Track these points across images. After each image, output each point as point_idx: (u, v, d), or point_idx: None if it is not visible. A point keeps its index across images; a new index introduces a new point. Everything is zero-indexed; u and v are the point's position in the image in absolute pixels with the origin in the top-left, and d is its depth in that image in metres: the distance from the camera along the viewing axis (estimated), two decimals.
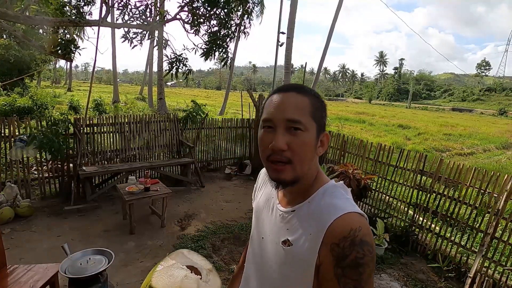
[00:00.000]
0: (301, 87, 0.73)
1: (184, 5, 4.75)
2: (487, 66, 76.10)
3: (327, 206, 0.69)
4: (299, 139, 0.68)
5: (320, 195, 0.72)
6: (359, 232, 0.63)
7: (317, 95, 0.74)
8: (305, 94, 0.71)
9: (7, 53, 12.85)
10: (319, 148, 0.72)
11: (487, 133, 17.49)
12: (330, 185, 0.74)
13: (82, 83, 49.02)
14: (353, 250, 0.62)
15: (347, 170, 4.03)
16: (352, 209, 0.67)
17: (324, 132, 0.73)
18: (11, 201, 3.81)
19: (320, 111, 0.71)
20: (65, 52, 4.28)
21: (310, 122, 0.69)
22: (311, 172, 0.74)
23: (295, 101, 0.69)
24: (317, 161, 0.75)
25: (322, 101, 0.74)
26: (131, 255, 3.19)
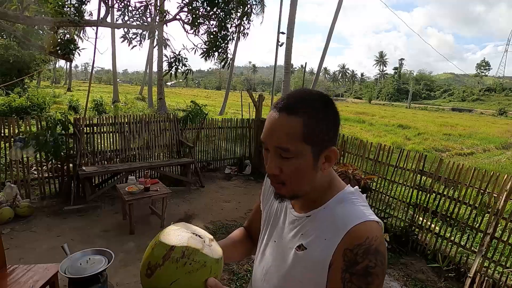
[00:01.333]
0: (294, 106, 0.64)
1: (183, 5, 4.75)
2: (487, 66, 76.20)
3: (345, 212, 0.67)
4: (291, 165, 0.65)
5: (336, 201, 0.71)
6: (375, 241, 0.62)
7: (316, 107, 0.65)
8: (297, 114, 0.63)
9: (6, 53, 12.83)
10: (324, 164, 0.67)
11: (486, 133, 17.51)
12: (347, 191, 0.72)
13: (82, 83, 49.02)
14: (366, 258, 0.61)
15: (346, 170, 4.03)
16: (371, 218, 0.66)
17: (330, 148, 0.66)
18: (10, 201, 3.81)
19: (319, 128, 0.63)
20: (64, 52, 4.28)
21: (302, 147, 0.63)
22: (320, 183, 0.71)
23: (284, 126, 0.63)
24: (329, 170, 0.71)
25: (325, 112, 0.65)
26: (131, 255, 3.19)
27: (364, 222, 0.64)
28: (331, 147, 0.66)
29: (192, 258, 0.59)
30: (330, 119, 0.66)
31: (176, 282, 0.58)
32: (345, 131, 12.95)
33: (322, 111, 0.65)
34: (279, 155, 0.65)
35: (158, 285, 0.58)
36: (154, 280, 0.59)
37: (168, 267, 0.58)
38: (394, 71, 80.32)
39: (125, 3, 4.47)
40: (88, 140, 4.76)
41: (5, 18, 3.95)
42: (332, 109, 0.67)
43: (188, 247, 0.60)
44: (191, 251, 0.60)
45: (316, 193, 0.72)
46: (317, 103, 0.65)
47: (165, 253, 0.59)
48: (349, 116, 22.46)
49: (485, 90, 60.28)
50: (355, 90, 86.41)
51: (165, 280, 0.58)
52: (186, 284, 0.59)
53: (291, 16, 11.84)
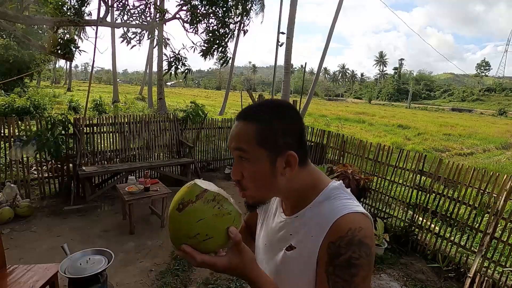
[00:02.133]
0: (249, 114, 0.70)
1: (183, 4, 4.74)
2: (487, 66, 76.24)
3: (329, 208, 0.67)
4: (248, 169, 0.69)
5: (321, 199, 0.71)
6: (359, 233, 0.61)
7: (269, 116, 0.68)
8: (251, 121, 0.68)
9: (6, 53, 12.83)
10: (286, 169, 0.68)
11: (486, 133, 17.51)
12: (331, 187, 0.72)
13: (82, 83, 49.02)
14: (349, 250, 0.60)
15: (346, 171, 4.03)
16: (355, 209, 0.65)
17: (287, 152, 0.67)
18: (10, 201, 3.81)
19: (272, 135, 0.67)
20: (64, 52, 4.27)
21: (256, 150, 0.67)
22: (302, 184, 0.72)
23: (240, 131, 0.69)
24: (309, 171, 0.73)
25: (280, 119, 0.68)
26: (131, 255, 3.19)
27: (347, 214, 0.64)
28: (288, 152, 0.67)
29: (221, 204, 0.64)
30: (286, 126, 0.69)
31: (203, 220, 0.62)
32: (345, 131, 12.95)
33: (277, 118, 0.68)
34: (240, 159, 0.69)
35: (187, 219, 0.63)
36: (184, 214, 0.63)
37: (199, 205, 0.63)
38: (394, 71, 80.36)
39: (124, 2, 4.47)
40: (88, 140, 4.76)
41: (5, 18, 3.95)
42: (290, 117, 0.70)
43: (219, 194, 0.66)
44: (221, 197, 0.65)
45: (300, 194, 0.73)
46: (272, 110, 0.69)
47: (199, 193, 0.64)
48: (349, 116, 22.46)
49: (485, 90, 60.29)
50: (355, 90, 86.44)
51: (194, 216, 0.63)
52: (211, 224, 0.63)
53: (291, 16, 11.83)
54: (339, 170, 4.07)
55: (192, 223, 0.62)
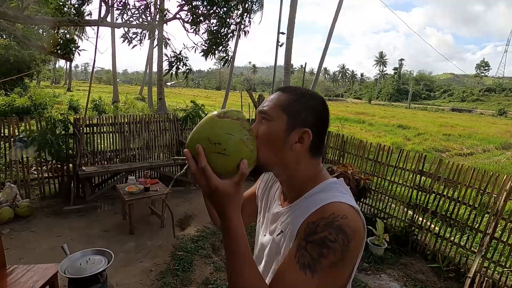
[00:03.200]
0: (288, 88, 0.76)
1: (183, 4, 4.74)
2: (487, 67, 76.27)
3: (321, 197, 0.69)
4: (264, 127, 0.72)
5: (317, 190, 0.72)
6: (341, 219, 0.61)
7: (302, 93, 0.74)
8: (285, 91, 0.74)
9: (6, 53, 12.83)
10: (296, 145, 0.70)
11: (486, 134, 17.50)
12: (330, 181, 0.74)
13: (81, 83, 49.01)
14: (326, 230, 0.60)
15: (346, 171, 4.03)
16: (345, 201, 0.66)
17: (304, 128, 0.70)
18: (10, 201, 3.81)
19: (297, 106, 0.71)
20: (64, 52, 4.27)
21: (279, 114, 0.71)
22: (301, 169, 0.73)
23: (272, 97, 0.75)
24: (316, 164, 0.75)
25: (308, 99, 0.73)
26: (131, 255, 3.19)
27: (335, 202, 0.65)
28: (306, 128, 0.70)
29: (251, 138, 0.67)
30: (312, 106, 0.73)
31: (231, 136, 0.65)
32: (345, 131, 12.95)
33: (307, 98, 0.73)
34: (260, 120, 0.74)
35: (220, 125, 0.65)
36: (221, 121, 0.66)
37: (237, 124, 0.66)
38: (394, 71, 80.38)
39: (124, 2, 4.47)
40: (88, 140, 4.76)
41: (5, 18, 3.95)
42: (318, 102, 0.74)
43: (253, 133, 0.69)
44: (253, 134, 0.69)
45: (301, 185, 0.75)
46: (307, 92, 0.75)
47: (242, 118, 0.68)
48: (349, 116, 22.46)
49: (485, 90, 60.28)
50: (355, 90, 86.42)
51: (227, 127, 0.65)
52: (234, 144, 0.65)
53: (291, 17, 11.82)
54: (339, 170, 4.07)
55: (221, 132, 0.64)
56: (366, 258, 3.43)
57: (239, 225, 0.65)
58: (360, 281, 3.04)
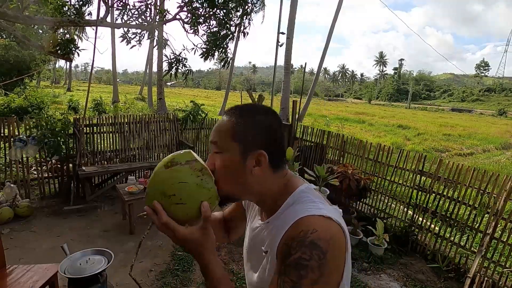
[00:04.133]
0: (232, 110, 0.73)
1: (183, 5, 4.74)
2: (486, 67, 76.27)
3: (293, 211, 0.67)
4: (220, 160, 0.71)
5: (289, 203, 0.71)
6: (311, 234, 0.60)
7: (247, 114, 0.71)
8: (230, 115, 0.72)
9: (6, 54, 12.83)
10: (255, 169, 0.69)
11: (486, 134, 17.51)
12: (299, 190, 0.72)
13: (81, 83, 48.99)
14: (299, 250, 0.59)
15: (346, 171, 4.03)
16: (315, 212, 0.64)
17: (258, 151, 0.68)
18: (10, 201, 3.81)
19: (245, 130, 0.69)
20: (64, 52, 4.27)
21: (229, 143, 0.69)
22: (273, 188, 0.73)
23: (219, 125, 0.72)
24: (282, 176, 0.74)
25: (253, 118, 0.70)
26: (131, 255, 3.19)
27: (304, 217, 0.64)
28: (259, 151, 0.68)
29: (206, 178, 0.67)
30: (260, 124, 0.70)
31: (184, 184, 0.64)
32: (345, 131, 12.95)
33: (254, 117, 0.71)
34: (213, 152, 0.72)
35: (170, 177, 0.65)
36: (169, 171, 0.66)
37: (186, 169, 0.65)
38: (394, 71, 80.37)
39: (124, 2, 4.47)
40: (88, 140, 4.76)
41: (5, 18, 3.95)
42: (265, 117, 0.72)
43: (207, 169, 0.68)
44: (207, 172, 0.68)
45: (272, 199, 0.74)
46: (253, 110, 0.73)
47: (190, 160, 0.67)
48: (349, 116, 22.46)
49: (485, 90, 60.30)
50: (355, 90, 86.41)
51: (177, 176, 0.65)
52: (189, 191, 0.65)
53: (291, 17, 11.81)
54: (340, 170, 4.07)
55: (174, 183, 0.64)
56: (366, 258, 3.43)
57: (217, 266, 0.67)
58: (360, 281, 3.04)
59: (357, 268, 3.28)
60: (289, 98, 11.46)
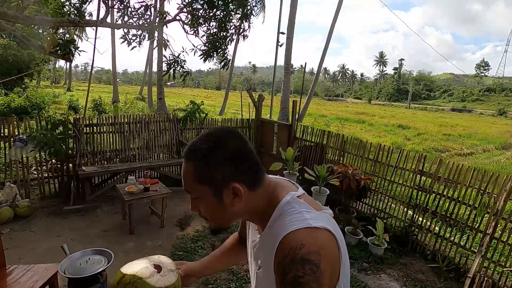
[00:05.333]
0: (188, 153, 0.71)
1: (183, 6, 4.74)
2: (486, 67, 76.25)
3: (279, 226, 0.68)
4: (202, 205, 0.73)
5: (276, 217, 0.71)
6: (300, 250, 0.61)
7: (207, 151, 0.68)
8: (190, 160, 0.70)
9: (5, 53, 12.82)
10: (234, 200, 0.70)
11: (486, 134, 17.51)
12: (283, 203, 0.72)
13: (81, 83, 48.98)
14: (293, 268, 0.60)
15: (346, 171, 4.03)
16: (298, 226, 0.64)
17: (230, 185, 0.68)
18: (10, 201, 3.81)
19: (209, 170, 0.68)
20: (64, 52, 4.27)
21: (199, 188, 0.70)
22: (253, 207, 0.74)
23: (184, 171, 0.72)
24: (264, 190, 0.74)
25: (215, 154, 0.68)
26: (131, 255, 3.19)
27: (290, 233, 0.64)
28: (232, 184, 0.68)
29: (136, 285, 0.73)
30: (221, 159, 0.69)
31: None
32: (345, 131, 12.95)
33: (212, 153, 0.69)
34: (191, 198, 0.74)
35: None
36: None
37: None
38: (394, 71, 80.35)
39: (124, 4, 4.47)
40: (88, 140, 4.76)
41: (5, 18, 3.95)
42: (227, 148, 0.69)
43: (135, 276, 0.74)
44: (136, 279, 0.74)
45: (261, 214, 0.75)
46: (208, 144, 0.69)
47: (119, 279, 0.75)
48: (349, 116, 22.46)
49: (485, 90, 60.29)
50: (355, 90, 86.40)
51: None
52: None
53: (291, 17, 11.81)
54: (340, 170, 4.07)
55: None
56: (366, 258, 3.43)
57: None
58: (360, 281, 3.04)
59: (357, 268, 3.28)
60: (289, 98, 11.47)
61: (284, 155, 4.56)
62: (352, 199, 4.38)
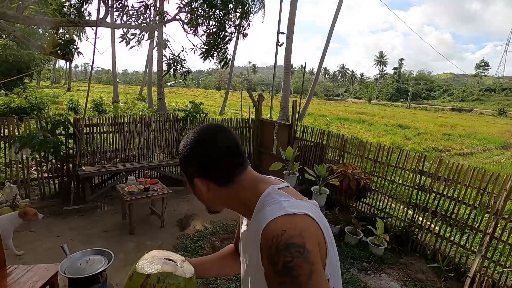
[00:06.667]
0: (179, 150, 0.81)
1: (183, 6, 4.74)
2: (486, 66, 76.19)
3: (261, 218, 0.69)
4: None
5: (258, 209, 0.74)
6: (282, 237, 0.62)
7: (183, 148, 0.78)
8: (179, 155, 0.81)
9: (5, 53, 12.82)
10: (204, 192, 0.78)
11: (486, 133, 17.51)
12: (263, 196, 0.74)
13: (81, 83, 48.99)
14: (280, 256, 0.61)
15: (346, 170, 4.03)
16: (278, 214, 0.66)
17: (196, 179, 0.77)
18: (10, 201, 3.81)
19: (186, 163, 0.79)
20: (64, 52, 4.27)
21: (184, 175, 0.83)
22: (234, 200, 0.78)
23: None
24: (240, 186, 0.77)
25: (186, 151, 0.77)
26: (131, 255, 3.19)
27: (269, 223, 0.66)
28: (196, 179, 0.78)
29: (167, 281, 0.70)
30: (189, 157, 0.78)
31: None
32: (345, 131, 12.95)
33: (186, 151, 0.78)
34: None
35: None
36: None
37: None
38: (393, 71, 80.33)
39: (123, 3, 4.47)
40: (88, 140, 4.76)
41: (5, 18, 3.95)
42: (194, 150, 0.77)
43: (163, 273, 0.71)
44: (165, 275, 0.71)
45: (244, 208, 0.79)
46: (185, 145, 0.79)
47: (142, 282, 0.69)
48: (349, 116, 22.46)
49: (485, 90, 60.26)
50: (354, 90, 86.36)
51: None
52: None
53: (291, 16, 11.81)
54: (339, 170, 4.07)
55: None
56: (366, 258, 3.43)
57: None
58: (360, 281, 3.04)
59: (357, 268, 3.28)
60: (289, 98, 11.46)
61: (284, 155, 4.56)
62: (352, 199, 4.38)
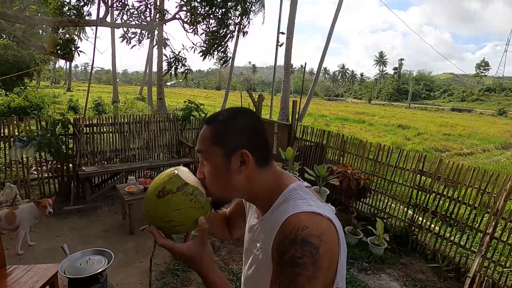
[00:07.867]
0: (211, 118, 0.76)
1: (182, 4, 4.74)
2: (486, 66, 76.19)
3: (284, 210, 0.69)
4: (207, 167, 0.74)
5: (281, 200, 0.73)
6: (302, 231, 0.61)
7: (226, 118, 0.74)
8: (210, 123, 0.75)
9: (5, 53, 12.81)
10: (241, 168, 0.72)
11: (486, 133, 17.51)
12: (289, 189, 0.73)
13: (81, 83, 49.01)
14: (292, 248, 0.61)
15: (346, 171, 4.03)
16: (304, 209, 0.65)
17: (240, 151, 0.71)
18: (10, 201, 3.80)
19: (224, 133, 0.72)
20: (64, 52, 4.27)
21: (211, 149, 0.72)
22: (264, 186, 0.75)
23: (202, 134, 0.76)
24: (270, 173, 0.76)
25: (232, 120, 0.73)
26: (131, 255, 3.19)
27: (294, 214, 0.65)
28: (242, 150, 0.71)
29: (198, 198, 0.71)
30: (239, 125, 0.73)
31: (178, 210, 0.69)
32: (345, 131, 12.95)
33: (232, 119, 0.74)
34: (201, 161, 0.76)
35: (165, 206, 0.69)
36: (162, 201, 0.69)
37: (179, 197, 0.69)
38: (393, 71, 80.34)
39: (124, 2, 4.47)
40: (88, 140, 4.76)
41: (5, 18, 3.95)
42: (245, 119, 0.74)
43: (197, 189, 0.72)
44: (198, 192, 0.71)
45: (264, 197, 0.76)
46: (229, 113, 0.75)
47: (180, 185, 0.70)
48: (349, 116, 22.46)
49: (485, 90, 60.27)
50: (354, 90, 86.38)
51: (171, 205, 0.69)
52: (185, 214, 0.70)
53: (291, 16, 11.81)
54: (339, 170, 4.07)
55: (169, 211, 0.69)
56: (366, 258, 3.43)
57: (216, 276, 0.71)
58: (360, 281, 3.04)
59: (357, 268, 3.28)
60: (289, 98, 11.47)
61: (284, 155, 4.56)
62: (352, 199, 4.38)
